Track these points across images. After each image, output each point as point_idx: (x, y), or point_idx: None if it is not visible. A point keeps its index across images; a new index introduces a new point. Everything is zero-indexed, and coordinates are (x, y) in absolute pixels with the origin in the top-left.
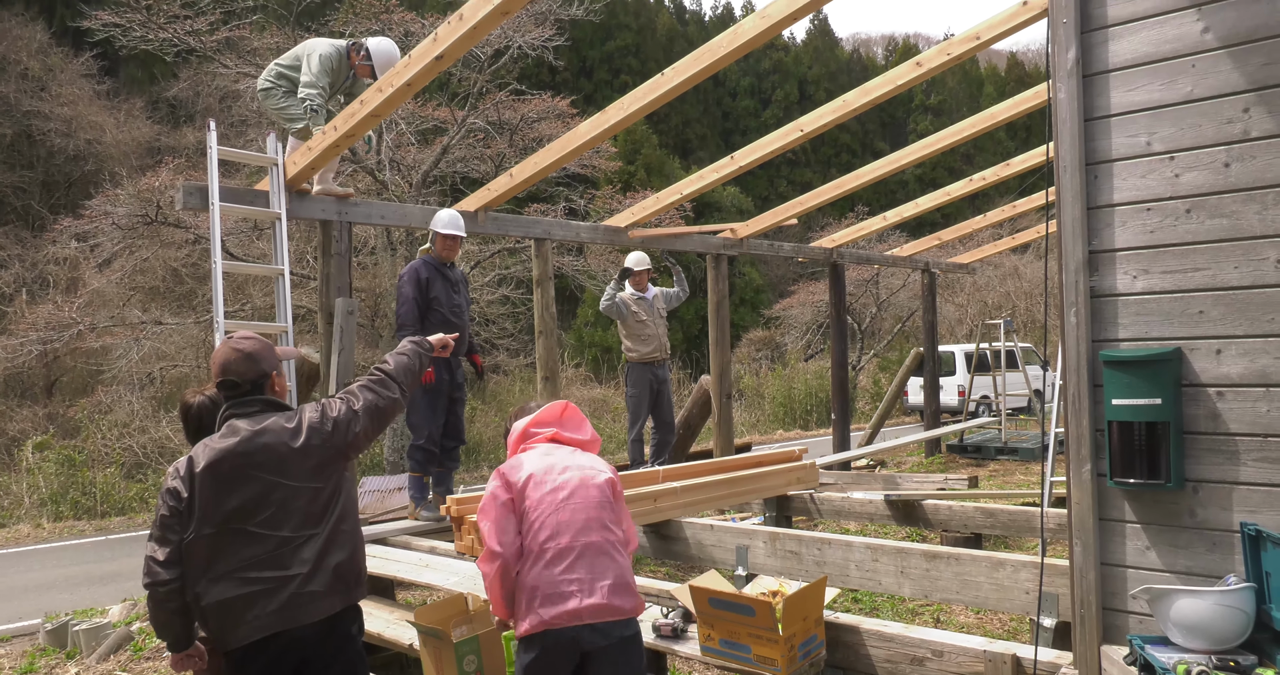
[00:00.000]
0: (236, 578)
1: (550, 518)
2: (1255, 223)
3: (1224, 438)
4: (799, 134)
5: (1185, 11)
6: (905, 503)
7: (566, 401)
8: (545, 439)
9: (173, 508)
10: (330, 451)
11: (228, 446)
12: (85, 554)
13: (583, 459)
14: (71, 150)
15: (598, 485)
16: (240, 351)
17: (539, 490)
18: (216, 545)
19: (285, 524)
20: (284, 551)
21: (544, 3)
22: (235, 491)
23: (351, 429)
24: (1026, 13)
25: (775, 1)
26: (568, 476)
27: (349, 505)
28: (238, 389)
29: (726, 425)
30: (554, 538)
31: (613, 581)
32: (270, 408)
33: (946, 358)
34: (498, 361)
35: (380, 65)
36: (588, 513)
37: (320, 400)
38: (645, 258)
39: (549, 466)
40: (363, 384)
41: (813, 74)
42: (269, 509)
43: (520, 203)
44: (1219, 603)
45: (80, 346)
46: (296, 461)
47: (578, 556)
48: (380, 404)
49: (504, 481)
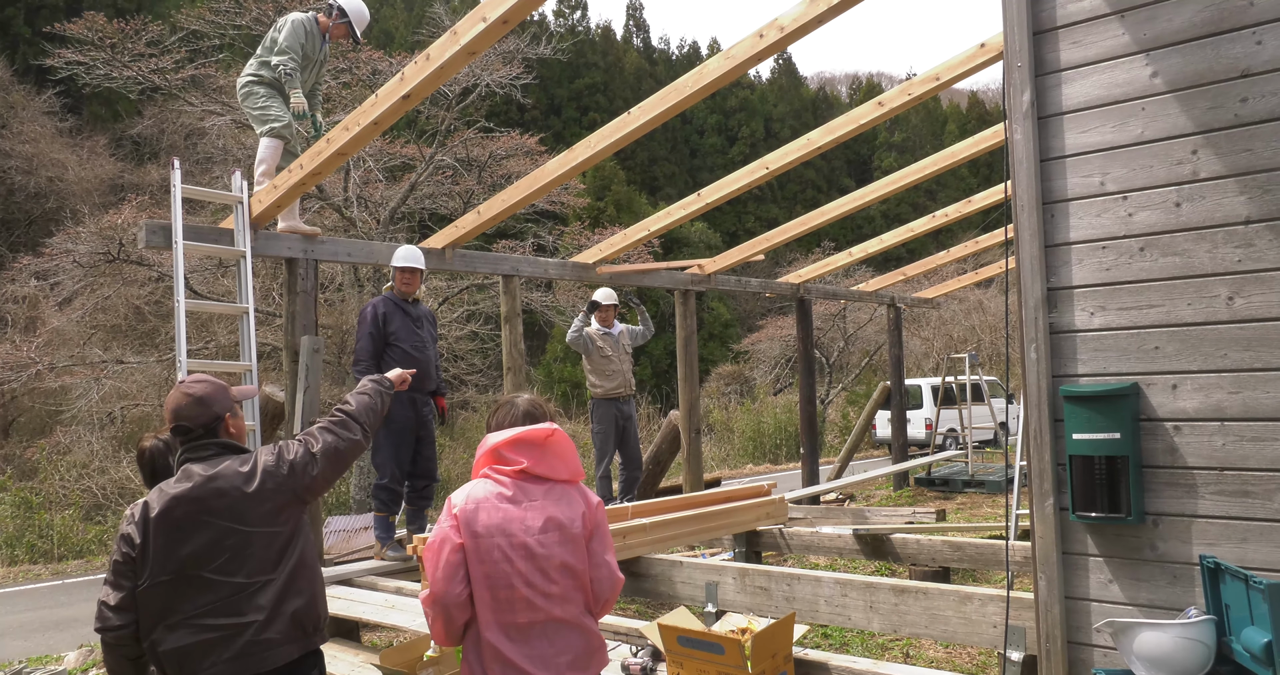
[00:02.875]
0: (192, 625)
1: (504, 590)
2: (1206, 261)
3: (1182, 471)
4: (765, 171)
5: (1135, 56)
6: (874, 537)
7: (554, 427)
8: (515, 472)
9: (125, 554)
10: (286, 495)
11: (181, 492)
12: (41, 599)
13: (553, 506)
14: (33, 188)
15: (562, 542)
16: (191, 396)
17: (493, 549)
18: (171, 592)
19: (240, 570)
20: (239, 598)
21: (512, 42)
22: (189, 538)
23: (309, 472)
24: (984, 55)
25: (740, 42)
26: (531, 539)
27: (307, 550)
28: (190, 434)
29: (695, 460)
30: (510, 611)
31: (571, 658)
32: (226, 451)
33: (914, 391)
34: (466, 397)
35: (358, 22)
36: (549, 585)
37: (278, 443)
38: (612, 293)
39: (507, 520)
40: (322, 426)
41: (778, 112)
42: (223, 555)
43: (489, 239)
44: (1180, 636)
45: (39, 386)
46: (251, 506)
47: (538, 636)
48: (340, 446)
49: (457, 523)
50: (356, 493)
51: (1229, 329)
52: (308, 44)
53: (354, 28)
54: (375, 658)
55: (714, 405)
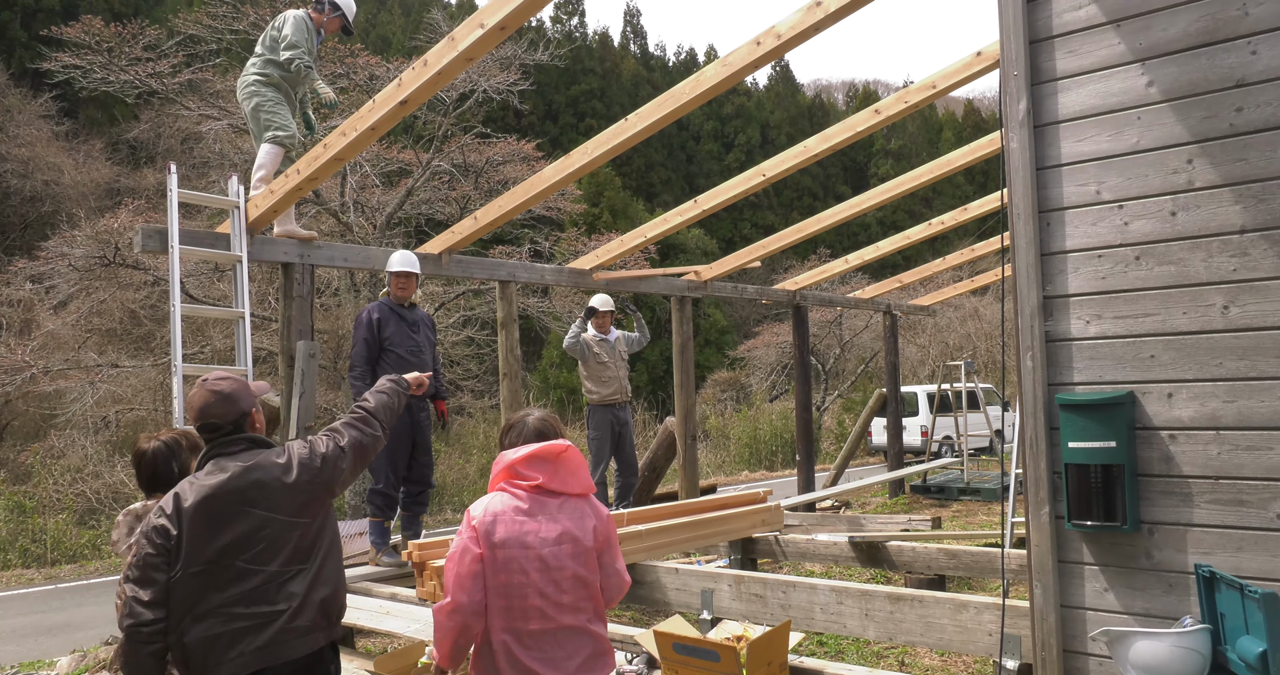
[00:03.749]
0: (223, 614)
1: (518, 599)
2: (1201, 270)
3: (1177, 480)
4: (761, 178)
5: (1130, 66)
6: (870, 544)
7: (567, 443)
8: (530, 487)
9: (160, 546)
10: (318, 487)
11: (219, 482)
12: (33, 604)
13: (566, 520)
14: (28, 191)
15: (574, 555)
16: (218, 393)
17: (510, 561)
18: (203, 582)
19: (274, 559)
20: (270, 586)
21: (509, 48)
22: (227, 528)
23: (339, 465)
24: (980, 63)
25: (737, 50)
26: (546, 551)
27: (335, 541)
28: (219, 431)
29: (691, 467)
30: (524, 619)
31: (580, 661)
32: (255, 445)
33: (909, 398)
34: (462, 403)
35: (349, 11)
36: (560, 595)
37: (307, 438)
38: (610, 300)
39: (523, 533)
40: (346, 422)
41: (775, 118)
42: (259, 544)
43: (485, 244)
44: (1176, 645)
45: (33, 390)
46: (288, 497)
47: (549, 641)
48: (364, 441)
49: (476, 534)
50: (352, 498)
51: (1224, 338)
52: (310, 38)
53: (347, 19)
54: (370, 664)
55: (710, 412)
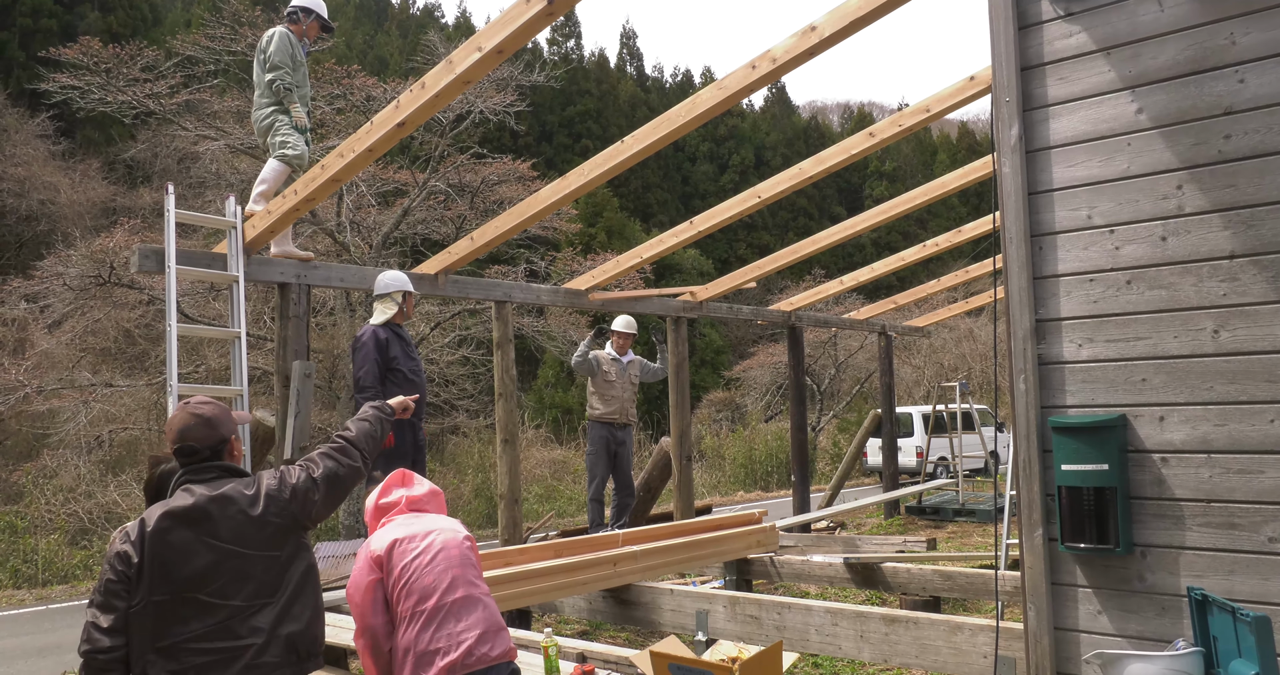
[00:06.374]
0: (187, 648)
1: (416, 583)
2: (1192, 294)
3: (1169, 503)
4: (757, 200)
5: (1121, 93)
6: (865, 565)
7: (401, 468)
8: (402, 509)
9: (121, 572)
10: (288, 520)
11: (183, 511)
12: (24, 625)
13: (441, 521)
14: (24, 211)
15: (457, 544)
16: (199, 416)
17: (404, 558)
18: (167, 614)
19: (238, 593)
20: (235, 621)
21: (506, 69)
22: (189, 559)
23: (310, 497)
24: (973, 87)
25: (733, 73)
26: (430, 539)
27: (309, 575)
28: (196, 455)
29: (687, 487)
30: (422, 601)
31: (481, 631)
32: (228, 474)
33: (904, 419)
34: (457, 423)
35: (320, 9)
36: (451, 572)
37: (279, 468)
38: (633, 322)
39: (411, 534)
40: (323, 451)
41: (770, 140)
42: (223, 577)
43: (481, 264)
44: (1169, 668)
45: (26, 409)
46: (254, 529)
47: (445, 615)
48: (340, 472)
49: (369, 561)
50: (346, 518)
51: (1215, 362)
52: (295, 53)
53: (323, 17)
54: None
55: (705, 432)
